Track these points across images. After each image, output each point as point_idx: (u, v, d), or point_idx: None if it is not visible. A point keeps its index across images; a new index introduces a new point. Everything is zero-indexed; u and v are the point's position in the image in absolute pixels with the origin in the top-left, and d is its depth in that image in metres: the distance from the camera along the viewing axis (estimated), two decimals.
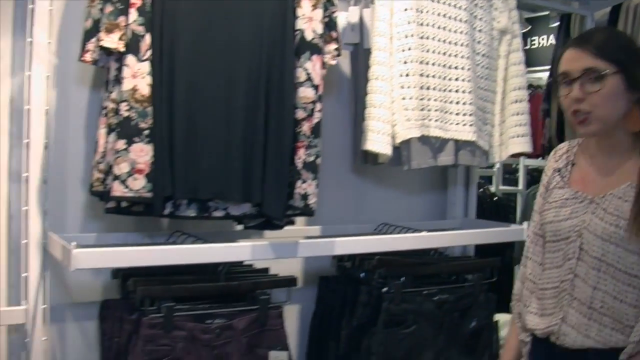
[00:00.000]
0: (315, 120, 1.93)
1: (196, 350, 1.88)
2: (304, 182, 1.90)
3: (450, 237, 2.37)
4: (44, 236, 1.97)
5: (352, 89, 2.42)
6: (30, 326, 1.97)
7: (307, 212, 1.90)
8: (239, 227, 2.20)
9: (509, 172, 5.37)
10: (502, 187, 5.11)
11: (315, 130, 1.92)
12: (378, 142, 2.15)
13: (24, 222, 1.97)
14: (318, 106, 1.94)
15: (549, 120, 3.57)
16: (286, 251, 1.99)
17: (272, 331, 2.00)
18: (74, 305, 2.13)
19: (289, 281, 2.06)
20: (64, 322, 2.10)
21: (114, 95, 1.83)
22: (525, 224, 2.43)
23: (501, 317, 2.46)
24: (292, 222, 1.99)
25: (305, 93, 1.92)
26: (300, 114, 1.93)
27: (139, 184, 1.78)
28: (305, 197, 1.89)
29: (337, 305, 2.32)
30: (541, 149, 3.77)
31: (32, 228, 1.96)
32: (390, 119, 2.17)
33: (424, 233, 2.26)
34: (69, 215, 2.11)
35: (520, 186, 5.08)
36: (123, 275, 1.99)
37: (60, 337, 2.13)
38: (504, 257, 2.80)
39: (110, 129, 1.83)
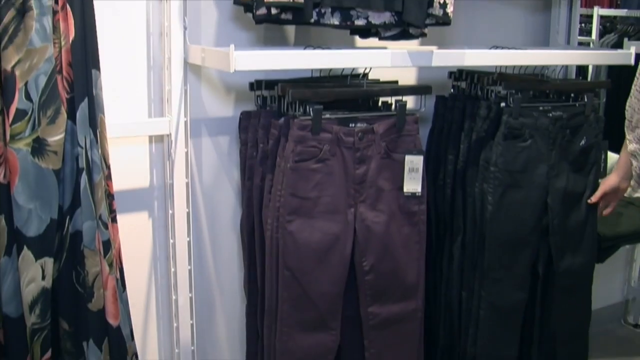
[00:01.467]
0: None
1: (340, 152, 2.00)
2: None
3: (568, 56, 2.49)
4: (185, 50, 2.06)
5: None
6: (174, 137, 2.11)
7: (445, 20, 1.96)
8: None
9: (582, 22, 5.29)
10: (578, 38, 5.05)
11: None
12: None
13: (166, 38, 2.07)
14: None
15: None
16: (422, 59, 2.07)
17: (408, 136, 2.10)
18: (209, 120, 2.26)
19: (425, 88, 2.16)
20: (200, 137, 2.23)
21: None
22: (632, 48, 2.48)
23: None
24: (424, 35, 2.05)
25: None
26: None
27: None
28: (444, 5, 1.94)
29: (455, 121, 2.41)
30: None
31: (175, 42, 2.05)
32: None
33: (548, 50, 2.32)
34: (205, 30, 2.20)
35: (594, 36, 5.03)
36: (266, 84, 2.08)
37: (197, 151, 2.28)
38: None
39: None
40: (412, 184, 2.10)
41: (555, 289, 2.37)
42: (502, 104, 2.28)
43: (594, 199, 2.32)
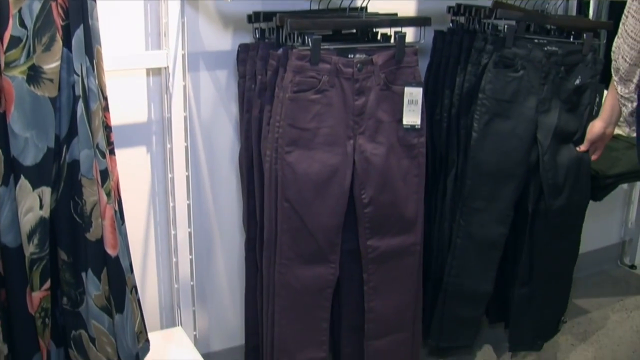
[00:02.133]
0: None
1: (339, 84, 1.98)
2: None
3: None
4: None
5: None
6: (171, 70, 2.10)
7: None
8: None
9: None
10: None
11: None
12: None
13: None
14: None
15: None
16: None
17: (407, 68, 2.08)
18: (207, 54, 2.22)
19: (424, 20, 2.13)
20: (197, 71, 2.20)
21: None
22: None
23: None
24: None
25: None
26: None
27: None
28: None
29: (452, 55, 2.39)
30: None
31: None
32: None
33: None
34: None
35: None
36: (264, 15, 2.05)
37: (195, 85, 2.26)
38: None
39: None
40: (412, 116, 2.08)
41: (545, 227, 2.37)
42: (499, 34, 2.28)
43: (583, 147, 2.31)
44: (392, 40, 2.09)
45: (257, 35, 2.14)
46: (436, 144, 2.38)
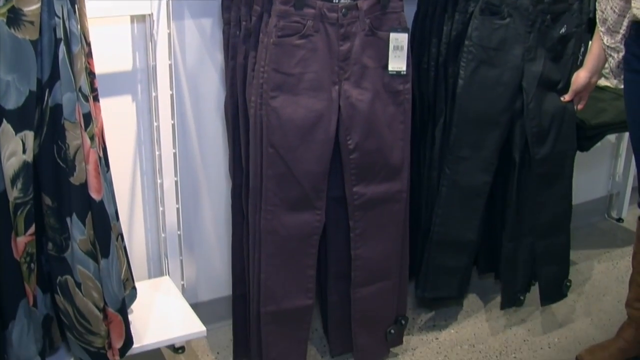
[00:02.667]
0: None
1: (324, 29, 1.97)
2: None
3: None
4: None
5: None
6: (155, 17, 2.09)
7: None
8: None
9: None
10: None
11: None
12: None
13: None
14: None
15: None
16: None
17: (393, 14, 2.05)
18: (192, 2, 2.18)
19: None
20: (182, 19, 2.16)
21: None
22: None
23: None
24: None
25: None
26: None
27: None
28: None
29: (440, 3, 2.37)
30: None
31: None
32: None
33: None
34: None
35: None
36: None
37: (180, 33, 2.24)
38: None
39: None
40: (397, 62, 2.07)
41: (531, 176, 2.38)
42: None
43: (567, 97, 2.32)
44: None
45: None
46: (424, 93, 2.36)
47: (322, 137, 2.02)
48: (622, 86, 2.15)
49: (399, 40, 2.06)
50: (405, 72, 2.10)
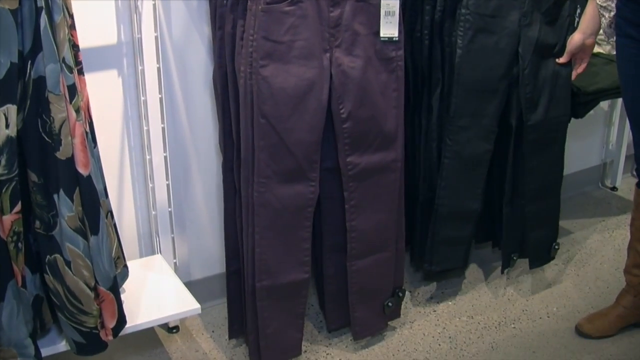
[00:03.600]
0: None
1: None
2: None
3: None
4: None
5: None
6: None
7: None
8: None
9: None
10: None
11: None
12: None
13: None
14: None
15: None
16: None
17: None
18: None
19: None
20: None
21: None
22: None
23: None
24: None
25: None
26: None
27: None
28: None
29: None
30: None
31: None
32: None
33: None
34: None
35: None
36: None
37: (165, 4, 2.17)
38: None
39: None
40: (389, 28, 2.02)
41: (525, 142, 2.35)
42: None
43: (562, 59, 2.29)
44: None
45: None
46: (417, 62, 2.32)
47: (314, 105, 1.97)
48: (615, 53, 2.10)
49: (390, 6, 2.01)
50: (397, 39, 2.06)
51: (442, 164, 2.30)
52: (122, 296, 1.94)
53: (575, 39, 2.19)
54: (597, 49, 2.53)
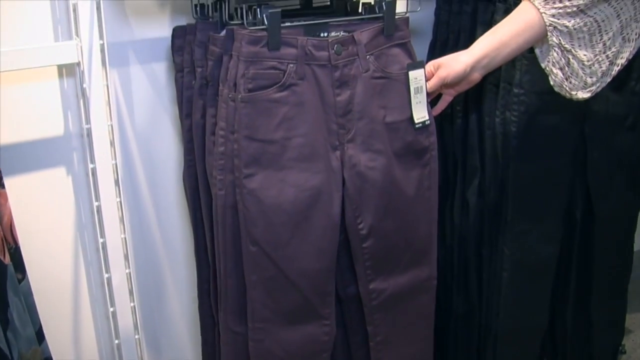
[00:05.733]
0: None
1: (312, 74, 1.44)
2: None
3: None
4: None
5: None
6: (86, 67, 1.57)
7: None
8: None
9: None
10: None
11: None
12: None
13: None
14: None
15: None
16: None
17: (401, 45, 1.53)
18: (138, 43, 1.70)
19: None
20: (127, 66, 1.70)
21: None
22: None
23: None
24: None
25: None
26: None
27: None
28: None
29: (463, 30, 1.86)
30: None
31: None
32: None
33: None
34: None
35: None
36: None
37: (123, 82, 1.73)
38: None
39: None
40: (420, 110, 1.54)
41: (595, 238, 1.97)
42: None
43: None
44: (378, 10, 1.53)
45: (197, 14, 1.58)
46: (447, 145, 1.93)
47: (322, 222, 1.48)
48: None
49: (418, 80, 1.52)
50: (429, 121, 1.56)
51: (500, 278, 1.89)
52: None
53: (462, 61, 1.57)
54: None
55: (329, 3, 1.67)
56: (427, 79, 1.51)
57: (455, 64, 1.47)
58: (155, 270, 1.94)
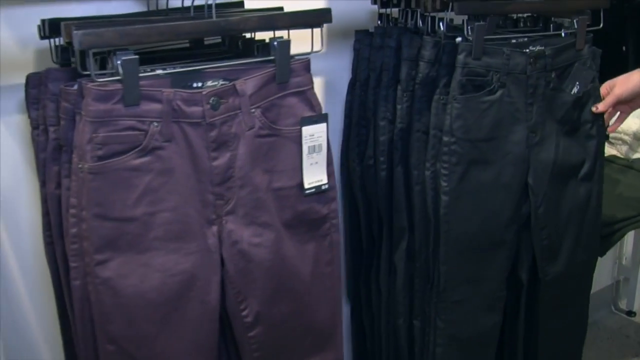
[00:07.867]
0: None
1: (182, 134, 1.19)
2: None
3: None
4: None
5: None
6: None
7: None
8: None
9: None
10: None
11: None
12: None
13: None
14: None
15: None
16: None
17: (298, 94, 1.31)
18: None
19: (320, 14, 1.30)
20: None
21: None
22: None
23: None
24: None
25: None
26: None
27: None
28: None
29: (386, 68, 1.65)
30: None
31: None
32: None
33: None
34: None
35: None
36: (51, 26, 1.23)
37: None
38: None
39: None
40: (315, 173, 1.31)
41: (541, 301, 1.76)
42: (458, 39, 1.53)
43: (601, 107, 1.67)
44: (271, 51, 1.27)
45: (58, 57, 1.31)
46: (371, 201, 1.71)
47: (197, 313, 1.23)
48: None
49: (315, 137, 1.28)
50: (327, 185, 1.31)
51: (433, 355, 1.67)
52: None
53: (634, 79, 1.65)
54: (612, 151, 2.07)
55: (221, 41, 1.43)
56: (602, 98, 1.64)
57: (630, 81, 1.64)
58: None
